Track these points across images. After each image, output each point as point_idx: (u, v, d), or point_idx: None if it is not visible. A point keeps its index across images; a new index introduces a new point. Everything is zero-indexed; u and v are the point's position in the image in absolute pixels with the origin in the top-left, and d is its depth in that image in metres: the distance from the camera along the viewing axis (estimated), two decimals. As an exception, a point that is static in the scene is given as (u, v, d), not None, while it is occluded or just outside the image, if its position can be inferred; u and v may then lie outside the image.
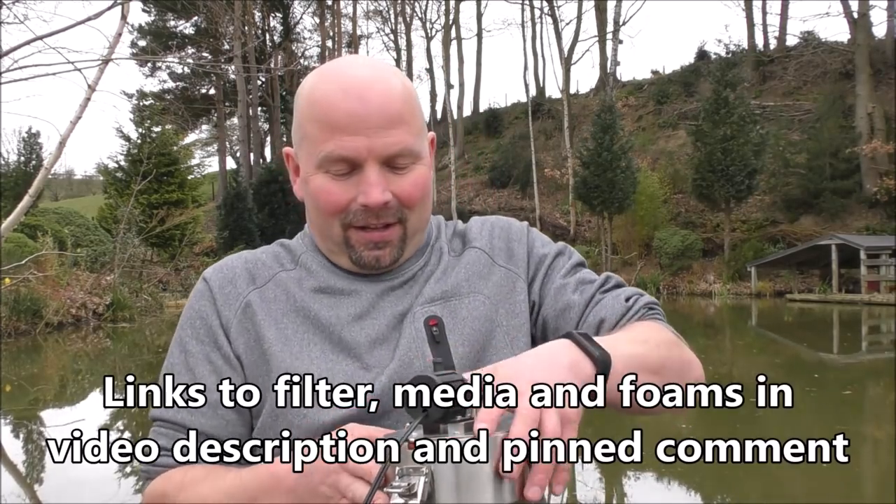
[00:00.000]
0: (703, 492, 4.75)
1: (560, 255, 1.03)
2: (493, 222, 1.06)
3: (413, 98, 0.92)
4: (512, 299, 0.99)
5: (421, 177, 0.92)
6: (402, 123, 0.88)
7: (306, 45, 45.16)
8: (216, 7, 34.87)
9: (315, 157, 0.89)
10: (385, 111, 0.87)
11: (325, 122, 0.88)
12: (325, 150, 0.88)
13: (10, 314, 12.95)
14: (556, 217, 31.86)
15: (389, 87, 0.89)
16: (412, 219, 0.93)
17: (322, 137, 0.88)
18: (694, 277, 25.11)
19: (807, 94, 31.47)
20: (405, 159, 0.89)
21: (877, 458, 5.60)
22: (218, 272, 0.98)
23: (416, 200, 0.92)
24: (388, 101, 0.88)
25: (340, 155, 0.87)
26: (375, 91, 0.87)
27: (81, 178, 66.42)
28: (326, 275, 0.97)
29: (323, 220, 0.93)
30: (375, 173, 0.88)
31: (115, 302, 15.81)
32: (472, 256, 1.01)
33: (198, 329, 0.95)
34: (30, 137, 31.00)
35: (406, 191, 0.90)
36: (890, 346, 12.81)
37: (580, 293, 0.98)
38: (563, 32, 37.53)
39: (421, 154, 0.92)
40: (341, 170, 0.89)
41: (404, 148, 0.88)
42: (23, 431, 6.75)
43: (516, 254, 1.02)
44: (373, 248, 0.92)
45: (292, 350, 0.91)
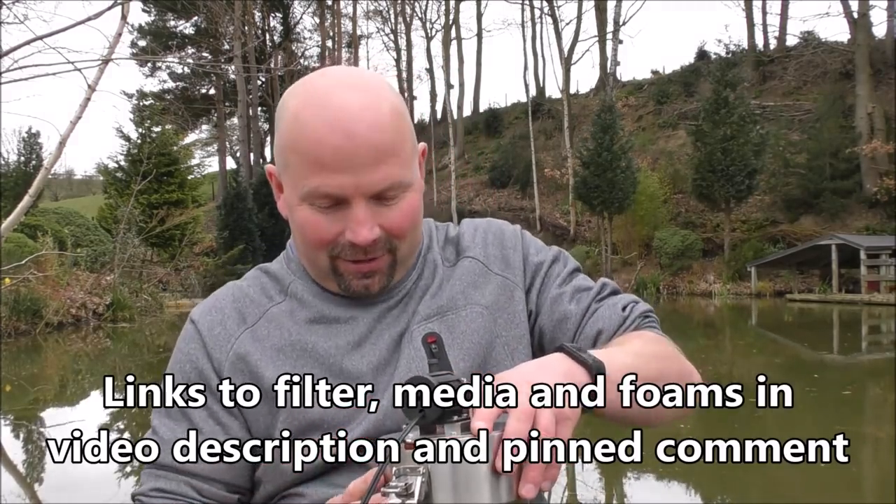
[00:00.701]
0: (703, 492, 4.76)
1: (556, 262, 1.02)
2: (485, 228, 1.03)
3: (402, 119, 0.88)
4: (511, 308, 0.97)
5: (410, 206, 0.89)
6: (391, 156, 0.84)
7: (306, 45, 45.20)
8: (216, 7, 34.88)
9: (299, 190, 0.86)
10: (373, 146, 0.83)
11: (310, 158, 0.83)
12: (309, 186, 0.84)
13: (10, 314, 12.95)
14: (556, 217, 31.87)
15: (378, 117, 0.84)
16: (402, 247, 0.91)
17: (306, 172, 0.84)
18: (694, 277, 25.11)
19: (807, 94, 31.46)
20: (394, 191, 0.86)
21: (877, 458, 5.60)
22: (206, 314, 0.95)
23: (407, 230, 0.90)
24: (376, 134, 0.83)
25: (326, 192, 0.84)
26: (363, 124, 0.83)
27: (81, 178, 66.42)
28: (319, 303, 0.94)
29: (310, 250, 0.91)
30: (363, 210, 0.85)
31: (115, 302, 15.81)
32: (467, 266, 0.99)
33: (188, 374, 0.92)
34: (30, 137, 30.99)
35: (395, 223, 0.88)
36: (890, 346, 12.81)
37: (577, 302, 0.97)
38: (563, 32, 37.56)
39: (411, 183, 0.88)
40: (326, 203, 0.85)
41: (393, 182, 0.85)
42: (23, 431, 6.75)
43: (512, 262, 1.00)
44: (361, 277, 0.90)
45: (289, 389, 0.89)
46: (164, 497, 0.89)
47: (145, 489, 0.90)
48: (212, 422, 0.91)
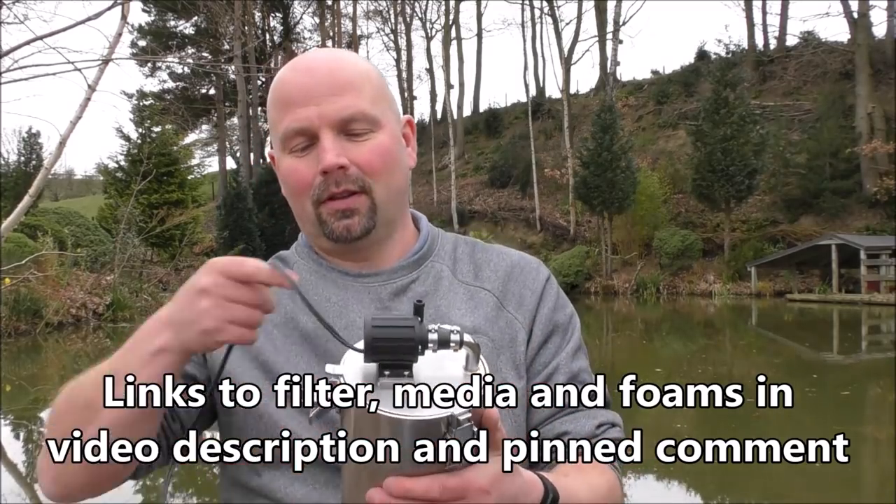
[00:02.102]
0: (703, 492, 4.76)
1: (566, 332, 1.00)
2: (513, 262, 1.02)
3: (368, 73, 0.93)
4: (514, 349, 0.96)
5: (380, 145, 0.91)
6: (353, 89, 0.90)
7: (306, 45, 45.14)
8: (216, 7, 34.86)
9: (278, 139, 0.92)
10: (333, 78, 0.89)
11: (280, 101, 0.91)
12: (282, 128, 0.91)
13: (10, 314, 12.95)
14: (556, 217, 31.86)
15: (340, 59, 0.92)
16: (377, 189, 0.92)
17: (279, 117, 0.91)
18: (694, 277, 25.11)
19: (807, 94, 31.45)
20: (360, 124, 0.90)
21: (877, 458, 5.60)
22: None
23: (378, 167, 0.91)
24: (336, 70, 0.90)
25: (295, 128, 0.90)
26: (323, 63, 0.91)
27: (81, 178, 66.43)
28: (316, 282, 0.97)
29: (298, 203, 0.94)
30: (329, 140, 0.89)
31: (115, 302, 15.80)
32: (481, 298, 0.98)
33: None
34: (30, 137, 31.02)
35: (364, 157, 0.90)
36: (890, 346, 12.82)
37: (564, 392, 0.96)
38: (563, 32, 37.51)
39: (380, 121, 0.92)
40: (300, 143, 0.90)
41: (357, 112, 0.89)
42: (23, 431, 6.75)
43: (525, 302, 0.99)
44: (341, 217, 0.91)
45: (279, 359, 0.92)
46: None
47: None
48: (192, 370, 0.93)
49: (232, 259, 0.74)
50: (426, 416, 0.62)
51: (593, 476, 0.89)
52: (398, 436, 0.63)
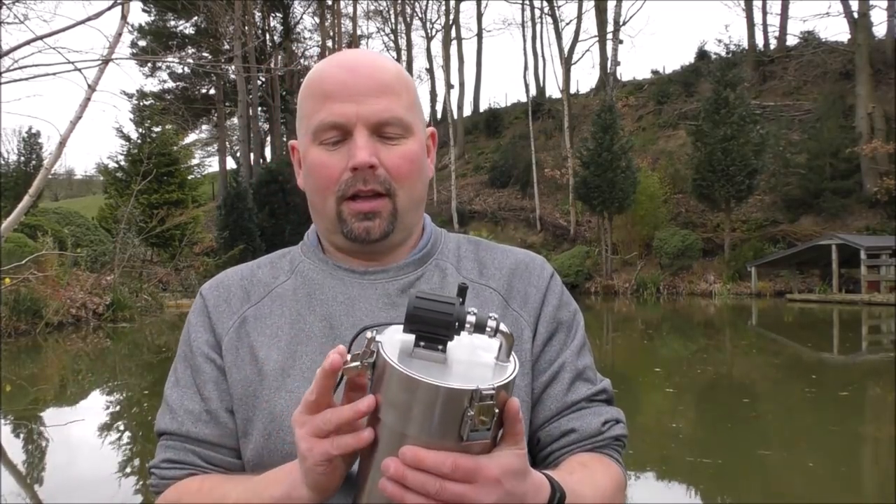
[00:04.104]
0: (703, 492, 4.76)
1: (570, 329, 1.00)
2: (518, 260, 1.02)
3: (406, 80, 0.95)
4: (519, 347, 0.95)
5: (410, 151, 0.93)
6: (392, 93, 0.91)
7: (306, 45, 45.19)
8: (216, 7, 34.83)
9: (310, 130, 0.93)
10: (374, 80, 0.91)
11: (318, 93, 0.92)
12: (317, 119, 0.91)
13: (10, 314, 12.95)
14: (556, 217, 31.86)
15: (381, 62, 0.93)
16: (401, 195, 0.93)
17: (315, 108, 0.92)
18: (694, 277, 25.11)
19: (807, 94, 31.45)
20: (395, 129, 0.91)
21: (877, 458, 5.60)
22: (214, 290, 1.00)
23: (405, 174, 0.92)
24: (379, 71, 0.92)
25: (331, 122, 0.90)
26: (365, 63, 0.92)
27: (81, 178, 66.47)
28: (323, 280, 0.97)
29: (320, 196, 0.94)
30: (364, 137, 0.90)
31: (115, 302, 15.79)
32: (486, 296, 0.98)
33: (194, 343, 0.97)
34: (30, 137, 31.03)
35: (395, 162, 0.92)
36: (890, 346, 12.81)
37: (572, 389, 0.96)
38: (563, 32, 37.56)
39: (412, 129, 0.93)
40: (333, 137, 0.91)
41: (393, 116, 0.91)
42: (23, 431, 6.75)
43: (530, 300, 0.99)
44: (362, 218, 0.92)
45: (284, 367, 0.91)
46: (173, 467, 0.93)
47: (157, 461, 0.94)
48: (216, 391, 0.94)
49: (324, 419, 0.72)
50: (453, 384, 0.64)
51: (599, 473, 0.90)
52: (422, 400, 0.65)
